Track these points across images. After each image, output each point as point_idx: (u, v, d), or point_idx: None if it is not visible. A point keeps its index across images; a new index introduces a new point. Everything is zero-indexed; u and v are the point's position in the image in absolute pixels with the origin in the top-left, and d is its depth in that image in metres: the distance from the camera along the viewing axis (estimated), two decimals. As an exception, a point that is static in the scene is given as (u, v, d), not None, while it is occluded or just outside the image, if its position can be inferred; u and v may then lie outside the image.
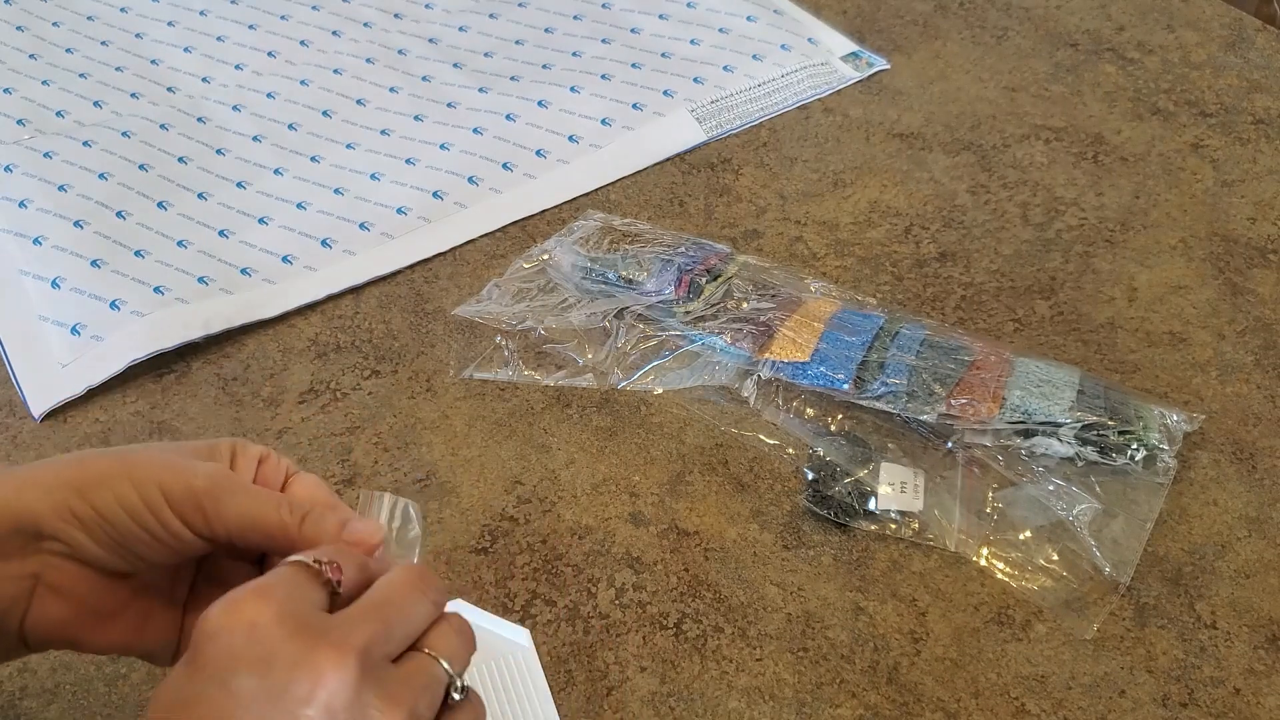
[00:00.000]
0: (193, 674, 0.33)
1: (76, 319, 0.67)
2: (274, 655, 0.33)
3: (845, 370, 0.61)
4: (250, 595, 0.34)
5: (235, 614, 0.33)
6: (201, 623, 0.34)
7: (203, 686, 0.32)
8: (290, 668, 0.33)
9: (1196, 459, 0.60)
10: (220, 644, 0.33)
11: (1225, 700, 0.51)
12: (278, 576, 0.35)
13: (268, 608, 0.34)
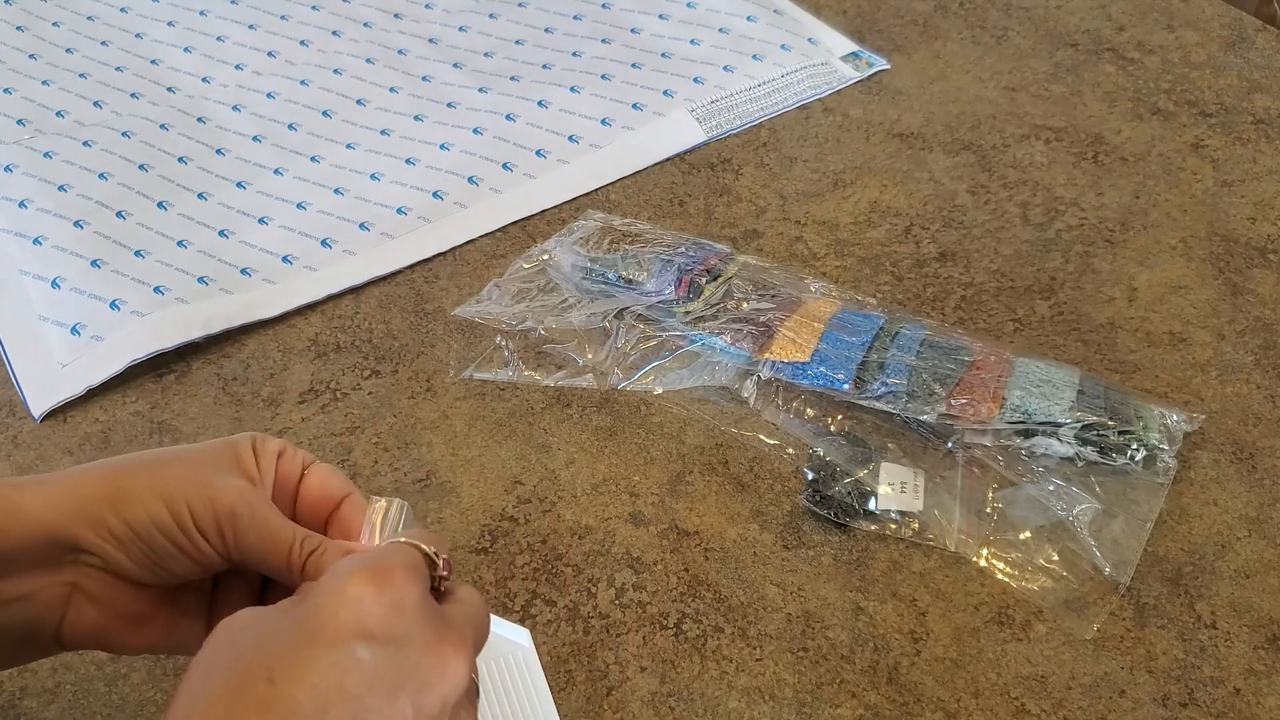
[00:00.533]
0: (310, 636, 0.32)
1: (76, 319, 0.67)
2: (410, 636, 0.33)
3: (845, 370, 0.61)
4: (400, 572, 0.34)
5: (380, 587, 0.33)
6: (333, 583, 0.33)
7: (322, 651, 0.32)
8: (423, 651, 0.33)
9: (1196, 459, 0.60)
10: (354, 611, 0.32)
11: (1225, 700, 0.51)
12: (404, 557, 0.35)
13: (414, 588, 0.34)
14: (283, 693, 0.31)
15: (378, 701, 0.32)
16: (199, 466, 0.39)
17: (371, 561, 0.34)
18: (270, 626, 0.33)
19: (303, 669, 0.31)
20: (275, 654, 0.32)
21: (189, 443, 0.61)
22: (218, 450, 0.40)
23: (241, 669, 0.31)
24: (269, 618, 0.34)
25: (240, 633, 0.33)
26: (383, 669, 0.32)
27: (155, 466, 0.38)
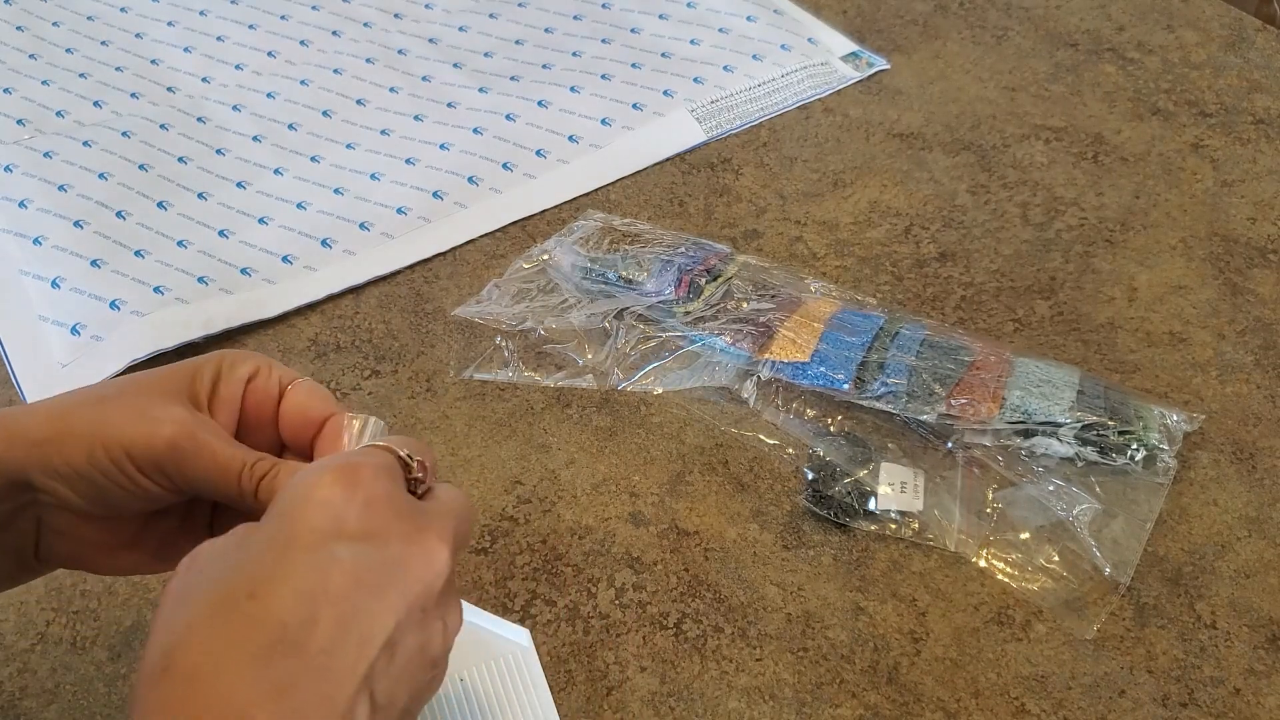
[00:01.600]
0: (284, 544, 0.31)
1: (76, 319, 0.67)
2: (387, 530, 0.32)
3: (845, 370, 0.61)
4: (367, 468, 0.33)
5: (350, 486, 0.33)
6: (299, 490, 0.33)
7: (300, 556, 0.31)
8: (404, 543, 0.33)
9: (1196, 459, 0.60)
10: (326, 513, 0.32)
11: (1225, 700, 0.51)
12: (374, 458, 0.34)
13: (383, 482, 0.33)
14: (267, 604, 0.30)
15: (365, 599, 0.31)
16: (143, 398, 0.37)
17: (338, 462, 0.34)
18: (242, 545, 0.32)
19: (283, 576, 0.31)
20: (252, 569, 0.31)
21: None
22: (172, 376, 0.38)
23: (220, 589, 0.31)
24: (237, 538, 0.33)
25: (209, 560, 0.33)
26: (365, 566, 0.32)
27: (99, 403, 0.37)
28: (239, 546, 0.32)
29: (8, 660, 0.53)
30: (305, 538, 0.32)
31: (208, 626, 0.30)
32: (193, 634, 0.30)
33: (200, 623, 0.30)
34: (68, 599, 0.55)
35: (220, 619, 0.30)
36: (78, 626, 0.54)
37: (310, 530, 0.32)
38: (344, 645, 0.31)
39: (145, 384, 0.38)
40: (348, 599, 0.31)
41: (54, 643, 0.54)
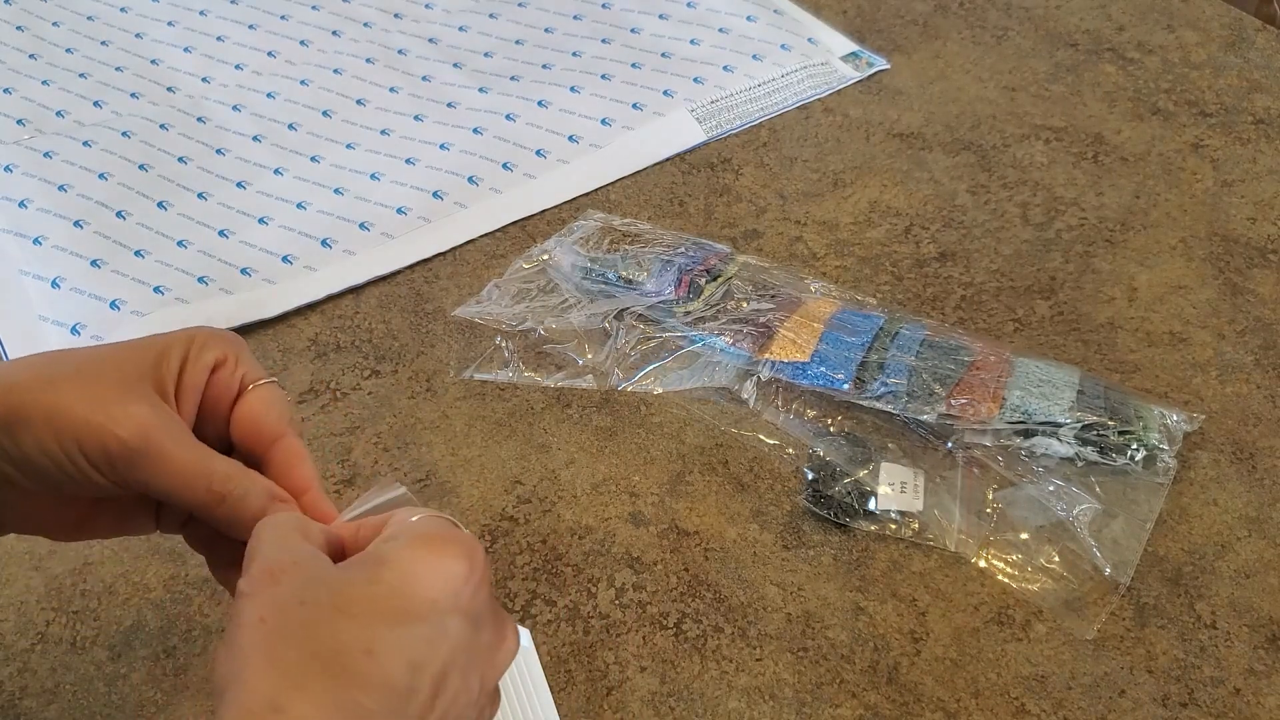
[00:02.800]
0: (406, 608, 0.32)
1: (76, 319, 0.67)
2: (484, 614, 0.34)
3: (845, 370, 0.61)
4: (481, 552, 0.34)
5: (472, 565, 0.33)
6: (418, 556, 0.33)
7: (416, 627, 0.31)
8: (493, 630, 0.34)
9: (1196, 459, 0.60)
10: (448, 588, 0.32)
11: (1225, 700, 0.51)
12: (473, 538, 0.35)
13: (488, 570, 0.34)
14: (382, 666, 0.31)
15: (459, 677, 0.32)
16: (102, 386, 0.35)
17: (460, 538, 0.34)
18: (354, 593, 0.32)
19: (397, 643, 0.31)
20: (371, 625, 0.31)
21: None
22: (138, 357, 0.36)
23: (335, 640, 0.31)
24: (346, 581, 0.32)
25: (311, 596, 0.32)
26: (465, 645, 0.32)
27: (54, 385, 0.35)
28: (355, 589, 0.32)
29: (8, 660, 0.53)
30: (423, 608, 0.32)
31: (322, 681, 0.30)
32: (307, 687, 0.30)
33: (314, 678, 0.30)
34: (68, 599, 0.55)
35: (333, 676, 0.30)
36: (78, 626, 0.54)
37: (429, 602, 0.32)
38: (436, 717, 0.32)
39: (107, 365, 0.36)
40: (446, 674, 0.32)
41: (54, 642, 0.54)
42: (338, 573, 0.33)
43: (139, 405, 0.35)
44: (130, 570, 0.56)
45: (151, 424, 0.35)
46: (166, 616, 0.55)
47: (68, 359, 0.36)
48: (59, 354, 0.37)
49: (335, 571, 0.33)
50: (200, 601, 0.55)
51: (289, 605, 0.31)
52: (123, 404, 0.35)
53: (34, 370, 0.35)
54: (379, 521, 0.37)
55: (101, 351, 0.37)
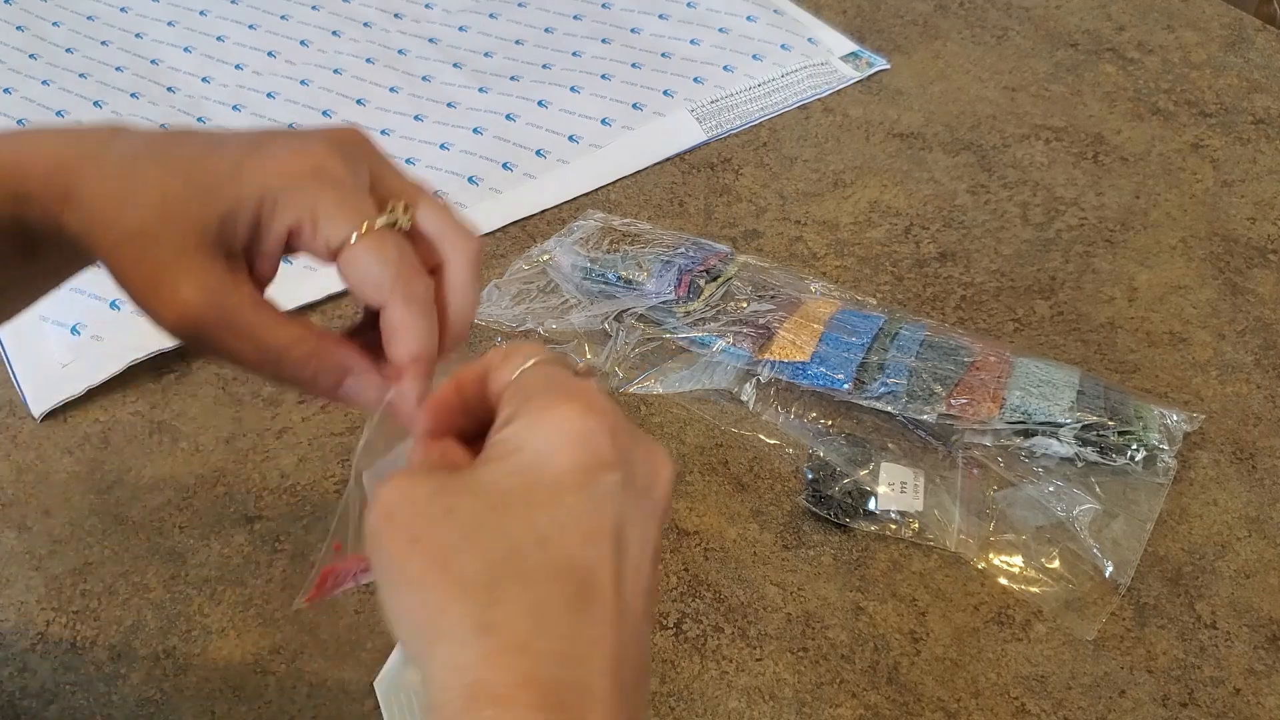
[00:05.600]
0: (557, 487, 0.30)
1: (76, 319, 0.67)
2: (632, 452, 0.31)
3: (845, 371, 0.61)
4: (596, 394, 0.31)
5: (596, 415, 0.31)
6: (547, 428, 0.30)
7: (573, 497, 0.30)
8: (647, 462, 0.32)
9: (1196, 459, 0.60)
10: (586, 449, 0.30)
11: (1225, 700, 0.51)
12: (587, 379, 0.32)
13: (611, 405, 0.32)
14: (561, 550, 0.29)
15: (634, 528, 0.30)
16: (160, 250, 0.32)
17: (569, 391, 0.31)
18: (500, 488, 0.30)
19: (567, 521, 0.29)
20: (530, 514, 0.29)
21: (189, 444, 0.62)
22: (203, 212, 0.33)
23: (505, 540, 0.29)
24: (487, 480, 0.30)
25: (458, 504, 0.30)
26: (625, 494, 0.31)
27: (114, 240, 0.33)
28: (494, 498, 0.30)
29: (7, 660, 0.53)
30: (573, 479, 0.30)
31: (512, 586, 0.28)
32: (501, 597, 0.28)
33: (503, 585, 0.28)
34: (68, 599, 0.55)
35: (520, 577, 0.28)
36: (78, 627, 0.54)
37: (575, 471, 0.30)
38: (626, 578, 0.30)
39: (171, 221, 0.33)
40: (623, 533, 0.30)
41: (54, 643, 0.54)
42: (475, 474, 0.30)
43: (191, 285, 0.33)
44: (130, 570, 0.56)
45: (217, 299, 0.33)
46: (166, 617, 0.55)
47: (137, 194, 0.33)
48: (130, 172, 0.34)
49: (472, 474, 0.30)
50: (200, 602, 0.55)
51: (439, 519, 0.29)
52: (174, 286, 0.33)
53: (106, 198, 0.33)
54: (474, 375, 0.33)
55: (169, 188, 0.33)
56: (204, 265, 0.33)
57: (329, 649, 0.53)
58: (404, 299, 0.34)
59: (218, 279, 0.33)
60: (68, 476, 0.61)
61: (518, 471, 0.30)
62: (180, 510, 0.59)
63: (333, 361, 0.35)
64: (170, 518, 0.59)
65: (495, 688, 0.27)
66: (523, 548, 0.29)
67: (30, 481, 0.60)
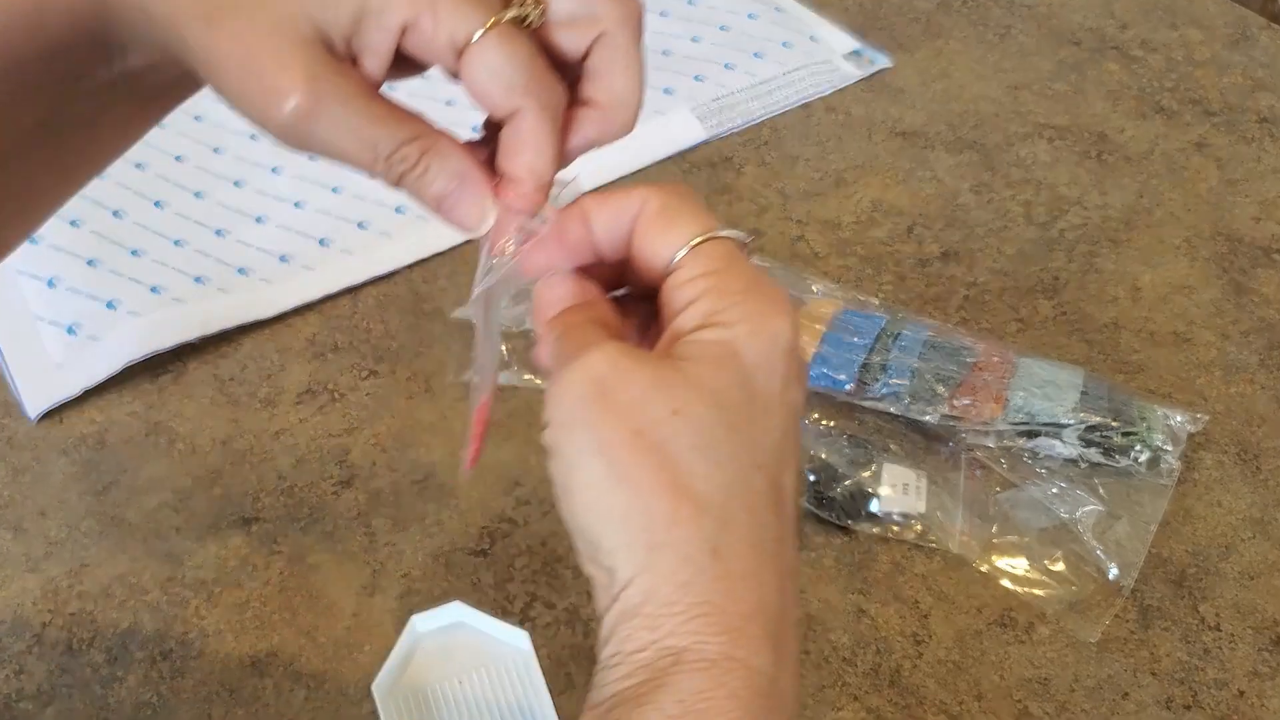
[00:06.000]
0: (750, 401, 0.28)
1: (72, 319, 0.67)
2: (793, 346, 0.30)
3: (847, 371, 0.60)
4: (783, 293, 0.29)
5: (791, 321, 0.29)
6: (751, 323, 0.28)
7: (767, 414, 0.28)
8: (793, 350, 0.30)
9: (1200, 460, 0.60)
10: (783, 343, 0.28)
11: (1229, 703, 0.50)
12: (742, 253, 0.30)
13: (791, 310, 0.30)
14: (771, 475, 0.28)
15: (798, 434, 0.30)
16: (256, 35, 0.29)
17: (775, 299, 0.29)
18: (724, 403, 0.27)
19: (777, 444, 0.28)
20: (752, 436, 0.28)
21: (186, 445, 0.61)
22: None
23: (732, 462, 0.27)
24: (704, 386, 0.27)
25: (677, 405, 0.27)
26: (795, 399, 0.29)
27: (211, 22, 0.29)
28: (713, 404, 0.27)
29: (4, 662, 0.53)
30: (782, 399, 0.28)
31: (741, 509, 0.27)
32: (732, 519, 0.27)
33: (733, 505, 0.27)
34: (64, 601, 0.55)
35: (748, 501, 0.27)
36: (74, 629, 0.54)
37: (784, 389, 0.28)
38: (797, 489, 0.30)
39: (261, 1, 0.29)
40: (795, 434, 0.29)
41: (50, 645, 0.53)
42: (694, 374, 0.28)
43: (295, 71, 0.29)
44: (127, 573, 0.56)
45: (309, 98, 0.29)
46: (163, 619, 0.54)
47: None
48: None
49: (690, 373, 0.28)
50: (197, 604, 0.55)
51: (664, 420, 0.27)
52: (276, 73, 0.29)
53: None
54: (612, 215, 0.30)
55: None
56: (307, 51, 0.29)
57: (326, 651, 0.53)
58: (537, 106, 0.31)
59: (322, 65, 0.30)
60: (64, 478, 0.60)
61: (738, 384, 0.28)
62: (177, 512, 0.59)
63: (450, 164, 0.32)
64: (167, 519, 0.58)
65: (728, 615, 0.26)
66: (747, 470, 0.28)
67: (26, 483, 0.60)
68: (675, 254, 0.29)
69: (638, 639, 0.27)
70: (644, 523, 0.27)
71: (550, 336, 0.31)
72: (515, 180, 0.31)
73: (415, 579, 0.56)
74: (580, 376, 0.27)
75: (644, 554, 0.27)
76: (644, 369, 0.28)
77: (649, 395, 0.27)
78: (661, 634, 0.26)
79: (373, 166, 0.31)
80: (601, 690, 0.27)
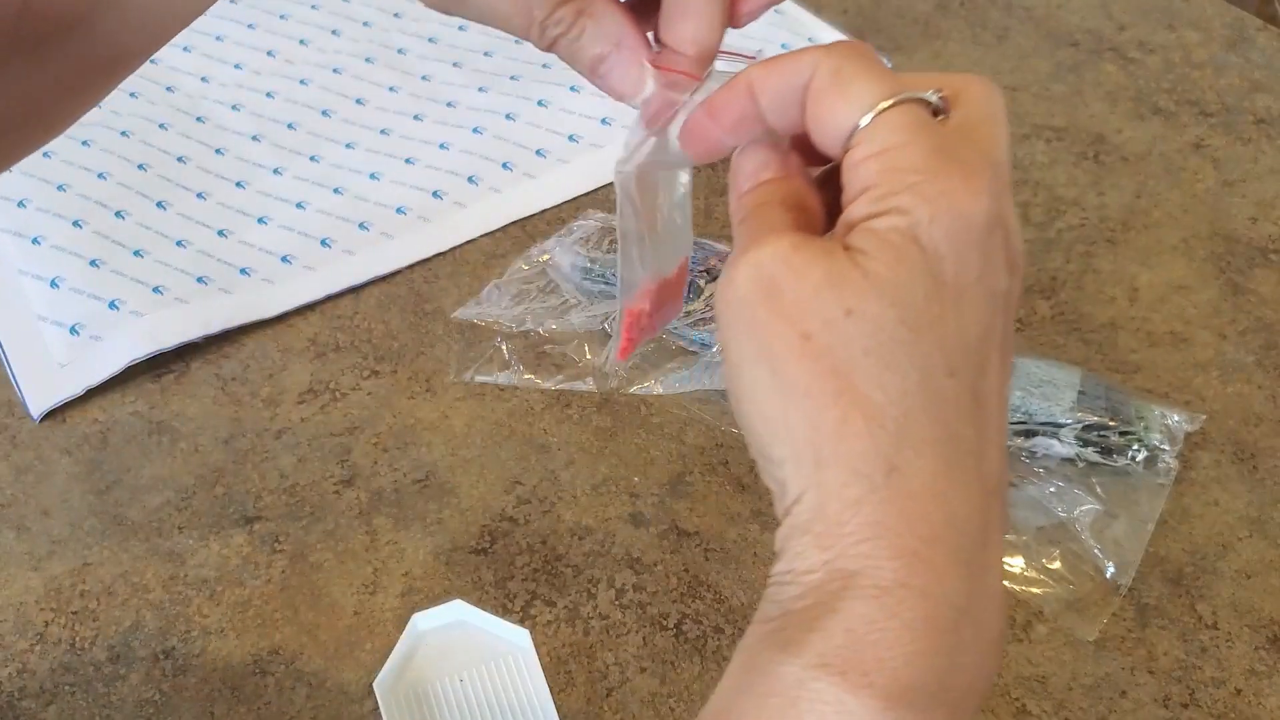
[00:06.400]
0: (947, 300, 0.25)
1: (75, 319, 0.67)
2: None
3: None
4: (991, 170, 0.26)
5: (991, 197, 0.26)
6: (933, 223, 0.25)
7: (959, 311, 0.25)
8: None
9: (1198, 459, 0.60)
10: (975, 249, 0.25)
11: (1226, 701, 0.51)
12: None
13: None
14: (966, 379, 0.26)
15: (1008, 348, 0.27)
16: None
17: (969, 170, 0.25)
18: (904, 301, 0.25)
19: (972, 345, 0.26)
20: (940, 336, 0.25)
21: (188, 444, 0.62)
22: None
23: (914, 368, 0.24)
24: (881, 281, 0.25)
25: (851, 305, 0.24)
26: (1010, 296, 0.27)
27: None
28: (892, 301, 0.24)
29: (6, 661, 0.53)
30: (976, 291, 0.25)
31: (926, 420, 0.24)
32: (913, 431, 0.24)
33: (916, 415, 0.24)
34: (66, 599, 0.55)
35: (935, 411, 0.25)
36: (76, 627, 0.54)
37: (980, 279, 0.25)
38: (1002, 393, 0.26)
39: None
40: (1001, 330, 0.26)
41: (53, 643, 0.54)
42: (869, 267, 0.25)
43: None
44: (129, 571, 0.56)
45: None
46: (165, 618, 0.55)
47: None
48: None
49: (865, 265, 0.25)
50: (199, 602, 0.55)
51: (837, 321, 0.24)
52: None
53: None
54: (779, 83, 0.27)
55: None
56: None
57: (328, 649, 0.53)
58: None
59: None
60: (66, 477, 0.60)
61: (920, 277, 0.25)
62: (179, 511, 0.59)
63: (607, 27, 0.29)
64: (169, 518, 0.58)
65: (904, 538, 0.24)
66: (934, 375, 0.25)
67: (29, 482, 0.60)
68: (852, 127, 0.26)
69: (809, 558, 0.25)
70: (810, 435, 0.24)
71: (736, 217, 0.28)
72: (676, 48, 0.29)
73: (416, 577, 0.56)
74: (748, 274, 0.25)
75: (811, 469, 0.24)
76: (816, 265, 0.25)
77: (820, 294, 0.24)
78: (833, 554, 0.24)
79: (527, 32, 0.29)
80: (771, 606, 0.25)
